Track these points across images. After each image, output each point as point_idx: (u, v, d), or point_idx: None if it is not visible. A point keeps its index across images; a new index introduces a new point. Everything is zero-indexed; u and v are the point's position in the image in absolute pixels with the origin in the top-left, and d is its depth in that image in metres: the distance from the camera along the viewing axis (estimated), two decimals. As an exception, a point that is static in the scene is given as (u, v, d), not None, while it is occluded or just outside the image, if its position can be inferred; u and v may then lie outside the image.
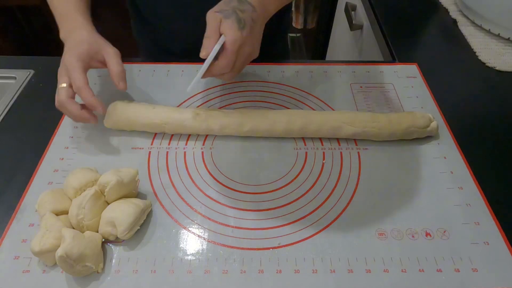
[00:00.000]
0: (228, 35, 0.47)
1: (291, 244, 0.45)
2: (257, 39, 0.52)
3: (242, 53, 0.50)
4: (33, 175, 0.51)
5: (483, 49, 0.73)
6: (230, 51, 0.48)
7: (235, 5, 0.49)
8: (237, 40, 0.47)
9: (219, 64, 0.49)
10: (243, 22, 0.48)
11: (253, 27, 0.50)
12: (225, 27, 0.48)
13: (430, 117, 0.55)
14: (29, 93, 0.64)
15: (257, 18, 0.50)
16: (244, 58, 0.51)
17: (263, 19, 0.53)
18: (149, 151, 0.55)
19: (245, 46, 0.50)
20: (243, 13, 0.49)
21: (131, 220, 0.43)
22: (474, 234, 0.46)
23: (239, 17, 0.48)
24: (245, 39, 0.48)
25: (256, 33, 0.51)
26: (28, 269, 0.43)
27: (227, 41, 0.47)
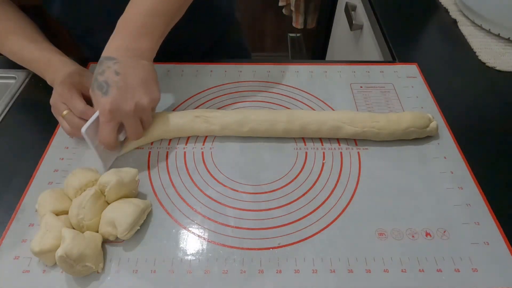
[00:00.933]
0: (96, 108, 0.47)
1: (291, 244, 0.45)
2: (134, 88, 0.47)
3: (122, 114, 0.46)
4: (33, 175, 0.51)
5: (483, 49, 0.73)
6: (102, 123, 0.46)
7: (96, 72, 0.47)
8: (103, 109, 0.45)
9: (100, 138, 0.47)
10: (105, 86, 0.45)
11: (122, 81, 0.46)
12: (93, 100, 0.47)
13: (429, 117, 0.55)
14: (29, 93, 0.64)
15: (123, 66, 0.47)
16: (128, 116, 0.47)
17: (138, 60, 0.48)
18: (149, 151, 0.55)
19: (119, 108, 0.46)
20: (103, 74, 0.46)
21: (131, 220, 0.43)
22: (474, 234, 0.46)
23: (99, 83, 0.46)
24: (115, 101, 0.45)
25: (129, 83, 0.46)
26: (28, 269, 0.43)
27: (99, 114, 0.47)
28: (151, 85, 0.49)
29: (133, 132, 0.49)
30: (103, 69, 0.47)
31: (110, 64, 0.47)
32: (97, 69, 0.47)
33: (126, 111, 0.46)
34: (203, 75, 0.67)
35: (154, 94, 0.49)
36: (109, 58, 0.47)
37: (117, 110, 0.46)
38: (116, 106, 0.45)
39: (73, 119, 0.51)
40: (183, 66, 0.68)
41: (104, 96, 0.45)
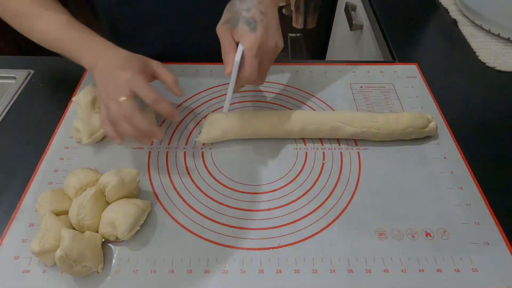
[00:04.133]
0: (244, 43, 0.46)
1: (291, 244, 0.45)
2: (275, 30, 0.49)
3: (265, 52, 0.47)
4: (33, 175, 0.51)
5: (483, 49, 0.73)
6: (250, 58, 0.46)
7: (238, 8, 0.47)
8: (254, 44, 0.45)
9: (245, 74, 0.47)
10: (253, 22, 0.46)
11: (266, 20, 0.47)
12: (237, 36, 0.46)
13: (428, 118, 0.55)
14: (29, 93, 0.64)
15: (266, 7, 0.48)
16: (269, 56, 0.48)
17: (275, 4, 0.50)
18: (149, 151, 0.55)
19: (266, 44, 0.47)
20: (249, 11, 0.47)
21: (131, 220, 0.43)
22: (474, 234, 0.46)
23: (246, 19, 0.46)
24: (262, 37, 0.46)
25: (272, 24, 0.48)
26: (28, 269, 0.43)
27: (244, 49, 0.46)
28: (280, 30, 0.50)
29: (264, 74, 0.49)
30: (248, 6, 0.47)
31: (255, 2, 0.47)
32: (238, 5, 0.47)
33: (269, 48, 0.47)
34: (203, 75, 0.67)
35: (281, 43, 0.50)
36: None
37: (264, 46, 0.46)
38: (264, 42, 0.46)
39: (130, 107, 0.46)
40: (183, 66, 0.68)
41: (253, 32, 0.45)
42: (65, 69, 0.69)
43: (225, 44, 0.47)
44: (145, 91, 0.46)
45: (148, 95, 0.46)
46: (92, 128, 0.54)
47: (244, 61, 0.46)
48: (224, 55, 0.47)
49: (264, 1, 0.48)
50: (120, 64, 0.49)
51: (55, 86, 0.66)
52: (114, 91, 0.47)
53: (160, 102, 0.46)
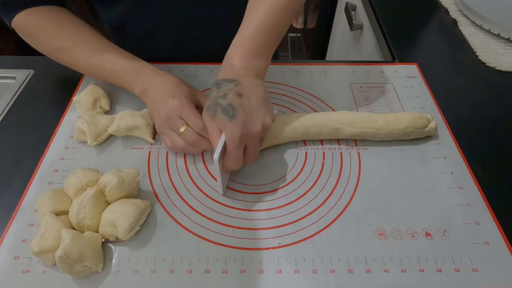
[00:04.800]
0: (225, 133, 0.43)
1: (291, 244, 0.45)
2: (259, 110, 0.45)
3: (249, 138, 0.44)
4: (33, 175, 0.51)
5: (483, 49, 0.73)
6: (232, 150, 0.43)
7: (215, 95, 0.45)
8: (234, 135, 0.42)
9: (228, 166, 0.45)
10: (230, 110, 0.43)
11: (246, 102, 0.44)
12: (219, 125, 0.44)
13: (428, 118, 0.55)
14: (29, 93, 0.64)
15: (244, 87, 0.45)
16: (255, 139, 0.45)
17: (257, 79, 0.47)
18: (149, 151, 0.55)
19: (248, 130, 0.43)
20: (225, 98, 0.44)
21: (131, 221, 0.43)
22: (474, 234, 0.46)
23: (223, 108, 0.43)
24: (243, 125, 0.43)
25: (253, 105, 0.45)
26: (28, 269, 0.43)
27: (226, 140, 0.43)
28: (269, 104, 0.47)
29: (254, 155, 0.47)
30: (224, 92, 0.44)
31: (231, 86, 0.45)
32: (215, 92, 0.45)
33: (254, 133, 0.44)
34: (203, 75, 0.67)
35: (273, 113, 0.47)
36: (229, 80, 0.45)
37: (247, 133, 0.43)
38: (245, 130, 0.43)
39: (192, 135, 0.49)
40: (183, 66, 0.68)
41: (232, 121, 0.42)
42: (65, 69, 0.69)
43: (210, 131, 0.45)
44: (193, 120, 0.49)
45: (196, 125, 0.49)
46: (98, 130, 0.54)
47: (227, 152, 0.44)
48: (212, 142, 0.45)
49: (242, 80, 0.46)
50: (170, 91, 0.51)
51: (55, 86, 0.66)
52: (168, 121, 0.50)
53: (205, 132, 0.48)
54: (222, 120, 0.43)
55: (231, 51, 0.48)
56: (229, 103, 0.43)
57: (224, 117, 0.43)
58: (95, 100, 0.58)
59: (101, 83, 0.62)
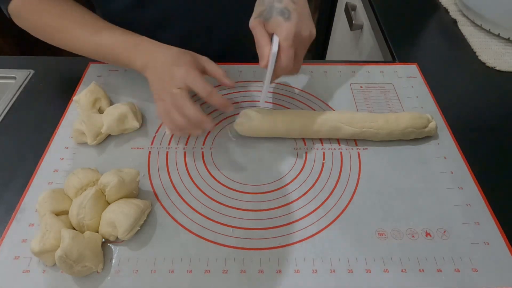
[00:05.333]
0: (279, 33, 0.46)
1: (291, 244, 0.45)
2: (308, 18, 0.48)
3: (300, 41, 0.47)
4: (33, 175, 0.51)
5: (483, 49, 0.73)
6: (287, 48, 0.46)
7: (270, 0, 0.47)
8: (289, 33, 0.45)
9: (282, 64, 0.47)
10: (286, 12, 0.46)
11: (299, 9, 0.47)
12: (272, 27, 0.46)
13: (428, 118, 0.55)
14: (29, 93, 0.64)
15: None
16: (303, 44, 0.48)
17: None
18: (149, 151, 0.55)
19: (300, 33, 0.47)
20: (281, 2, 0.47)
21: (131, 221, 0.43)
22: (474, 234, 0.46)
23: (279, 10, 0.46)
24: (297, 26, 0.46)
25: (304, 12, 0.48)
26: (28, 269, 0.43)
27: (280, 39, 0.46)
28: (311, 21, 0.50)
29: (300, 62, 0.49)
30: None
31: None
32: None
33: (304, 37, 0.47)
34: None
35: (314, 31, 0.49)
36: None
37: (299, 35, 0.46)
38: (299, 31, 0.46)
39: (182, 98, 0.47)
40: None
41: (288, 21, 0.45)
42: (65, 69, 0.69)
43: (259, 38, 0.47)
44: (200, 85, 0.48)
45: (204, 89, 0.48)
46: (96, 129, 0.54)
47: (281, 51, 0.46)
48: (259, 48, 0.47)
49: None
50: (173, 61, 0.50)
51: (55, 86, 0.66)
52: (169, 84, 0.49)
53: (215, 95, 0.48)
54: (278, 21, 0.46)
55: None
56: (285, 6, 0.46)
57: (280, 18, 0.46)
58: (95, 100, 0.58)
59: (102, 83, 0.62)
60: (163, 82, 0.50)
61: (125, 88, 0.64)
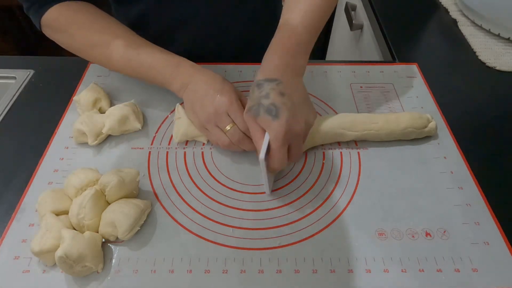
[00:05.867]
0: (268, 133, 0.43)
1: (291, 244, 0.45)
2: (302, 108, 0.45)
3: (293, 137, 0.44)
4: (33, 175, 0.51)
5: (483, 49, 0.73)
6: (276, 149, 0.43)
7: (257, 96, 0.44)
8: (278, 133, 0.42)
9: (273, 166, 0.44)
10: (274, 109, 0.42)
11: (289, 102, 0.44)
12: (262, 125, 0.43)
13: (428, 118, 0.55)
14: (29, 93, 0.64)
15: (286, 86, 0.45)
16: (299, 137, 0.45)
17: (297, 78, 0.48)
18: (149, 151, 0.55)
19: (292, 129, 0.43)
20: (268, 98, 0.43)
21: (131, 221, 0.43)
22: (474, 234, 0.46)
23: (266, 107, 0.43)
24: (287, 124, 0.42)
25: (296, 104, 0.44)
26: (28, 269, 0.43)
27: (270, 139, 0.43)
28: (310, 102, 0.48)
29: (298, 154, 0.47)
30: (266, 91, 0.44)
31: (273, 85, 0.44)
32: (257, 93, 0.44)
33: (298, 132, 0.44)
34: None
35: (315, 112, 0.48)
36: (270, 80, 0.45)
37: (291, 132, 0.43)
38: (289, 129, 0.42)
39: (237, 134, 0.49)
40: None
41: (276, 120, 0.42)
42: (65, 69, 0.69)
43: (253, 133, 0.45)
44: (241, 118, 0.49)
45: (242, 124, 0.49)
46: (97, 129, 0.54)
47: (271, 152, 0.43)
48: (254, 142, 0.46)
49: (283, 79, 0.45)
50: (217, 88, 0.50)
51: (55, 86, 0.66)
52: (215, 117, 0.49)
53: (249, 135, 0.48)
54: (265, 120, 0.43)
55: (271, 50, 0.48)
56: (272, 102, 0.43)
57: (267, 116, 0.42)
58: (95, 100, 0.58)
59: (102, 83, 0.62)
60: (206, 110, 0.50)
61: (125, 88, 0.64)
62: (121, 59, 0.55)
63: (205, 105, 0.50)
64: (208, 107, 0.50)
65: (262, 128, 0.44)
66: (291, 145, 0.45)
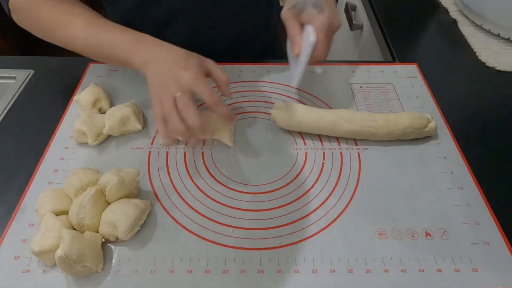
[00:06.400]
0: (315, 24, 0.50)
1: (291, 244, 0.45)
2: (335, 10, 0.53)
3: (331, 31, 0.52)
4: (33, 175, 0.51)
5: (483, 49, 0.73)
6: (322, 38, 0.50)
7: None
8: (324, 24, 0.50)
9: (319, 53, 0.51)
10: (320, 4, 0.51)
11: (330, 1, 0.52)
12: (307, 19, 0.51)
13: (428, 118, 0.55)
14: (29, 93, 0.64)
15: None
16: (333, 34, 0.54)
17: None
18: (149, 151, 0.55)
19: (332, 24, 0.51)
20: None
21: (131, 221, 0.43)
22: (474, 234, 0.46)
23: (313, 2, 0.51)
24: (329, 18, 0.51)
25: (333, 5, 0.53)
26: (28, 269, 0.43)
27: (316, 30, 0.50)
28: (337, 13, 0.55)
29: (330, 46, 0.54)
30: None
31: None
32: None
33: (336, 26, 0.53)
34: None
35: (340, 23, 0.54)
36: None
37: (331, 26, 0.51)
38: (332, 22, 0.51)
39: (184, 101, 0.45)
40: None
41: (322, 13, 0.51)
42: (65, 69, 0.69)
43: (292, 27, 0.52)
44: (208, 92, 0.46)
45: (211, 96, 0.46)
46: (97, 130, 0.54)
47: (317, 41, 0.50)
48: (292, 37, 0.53)
49: None
50: (180, 62, 0.48)
51: (55, 86, 0.66)
52: (172, 87, 0.46)
53: (220, 105, 0.48)
54: (312, 13, 0.51)
55: None
56: None
57: (314, 10, 0.51)
58: (96, 100, 0.58)
59: (102, 83, 0.62)
60: (165, 84, 0.47)
61: (125, 88, 0.64)
62: (83, 39, 0.54)
63: (166, 81, 0.47)
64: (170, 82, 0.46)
65: (299, 24, 0.52)
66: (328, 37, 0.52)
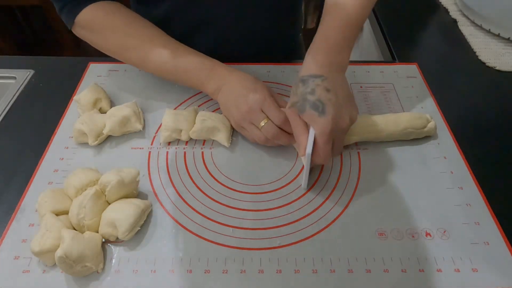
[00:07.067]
0: (315, 129, 0.44)
1: (291, 244, 0.45)
2: (346, 104, 0.46)
3: (338, 133, 0.45)
4: (33, 175, 0.51)
5: (483, 49, 0.73)
6: (322, 145, 0.44)
7: (302, 91, 0.45)
8: (325, 129, 0.43)
9: (318, 160, 0.45)
10: (320, 105, 0.43)
11: (334, 98, 0.44)
12: (308, 120, 0.44)
13: (427, 118, 0.55)
14: (29, 93, 0.64)
15: (331, 82, 0.45)
16: (343, 133, 0.46)
17: (341, 74, 0.49)
18: (149, 151, 0.55)
19: (338, 126, 0.44)
20: (314, 94, 0.44)
21: (131, 221, 0.43)
22: (474, 234, 0.46)
23: (312, 103, 0.44)
24: (333, 120, 0.43)
25: (341, 99, 0.45)
26: (28, 269, 0.43)
27: (316, 135, 0.44)
28: (353, 97, 0.49)
29: (340, 149, 0.48)
30: (312, 87, 0.45)
31: (318, 81, 0.45)
32: (302, 88, 0.46)
33: (343, 128, 0.45)
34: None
35: (357, 107, 0.48)
36: (315, 75, 0.46)
37: (336, 129, 0.44)
38: (336, 125, 0.44)
39: (272, 128, 0.49)
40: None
41: (322, 116, 0.43)
42: (65, 69, 0.69)
43: (295, 127, 0.46)
44: (275, 113, 0.49)
45: (278, 117, 0.49)
46: (98, 130, 0.54)
47: (317, 147, 0.44)
48: (296, 137, 0.47)
49: (328, 75, 0.46)
50: (250, 86, 0.52)
51: (55, 86, 0.66)
52: (249, 114, 0.50)
53: (286, 126, 0.49)
54: (311, 115, 0.44)
55: (315, 46, 0.49)
56: (318, 98, 0.44)
57: (314, 112, 0.43)
58: (96, 100, 0.58)
59: (102, 83, 0.62)
60: (241, 109, 0.51)
61: (125, 88, 0.64)
62: (156, 63, 0.56)
63: (239, 104, 0.51)
64: (243, 106, 0.51)
65: (304, 123, 0.45)
66: (335, 141, 0.46)
